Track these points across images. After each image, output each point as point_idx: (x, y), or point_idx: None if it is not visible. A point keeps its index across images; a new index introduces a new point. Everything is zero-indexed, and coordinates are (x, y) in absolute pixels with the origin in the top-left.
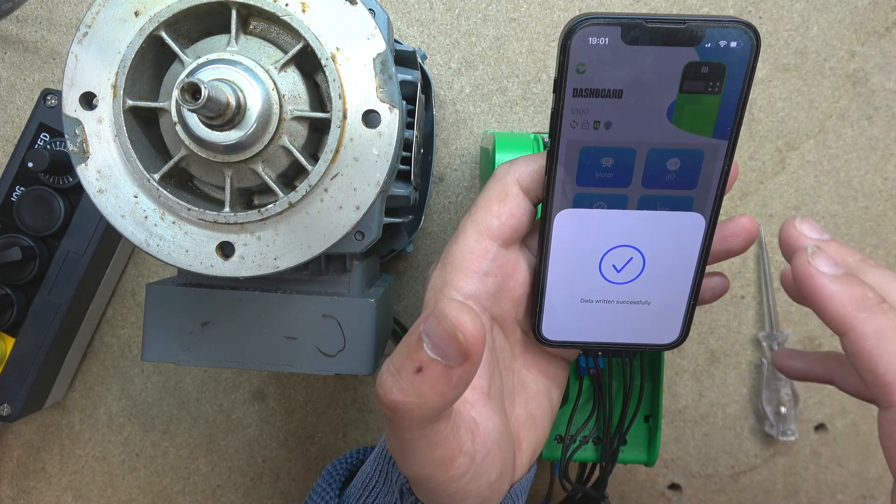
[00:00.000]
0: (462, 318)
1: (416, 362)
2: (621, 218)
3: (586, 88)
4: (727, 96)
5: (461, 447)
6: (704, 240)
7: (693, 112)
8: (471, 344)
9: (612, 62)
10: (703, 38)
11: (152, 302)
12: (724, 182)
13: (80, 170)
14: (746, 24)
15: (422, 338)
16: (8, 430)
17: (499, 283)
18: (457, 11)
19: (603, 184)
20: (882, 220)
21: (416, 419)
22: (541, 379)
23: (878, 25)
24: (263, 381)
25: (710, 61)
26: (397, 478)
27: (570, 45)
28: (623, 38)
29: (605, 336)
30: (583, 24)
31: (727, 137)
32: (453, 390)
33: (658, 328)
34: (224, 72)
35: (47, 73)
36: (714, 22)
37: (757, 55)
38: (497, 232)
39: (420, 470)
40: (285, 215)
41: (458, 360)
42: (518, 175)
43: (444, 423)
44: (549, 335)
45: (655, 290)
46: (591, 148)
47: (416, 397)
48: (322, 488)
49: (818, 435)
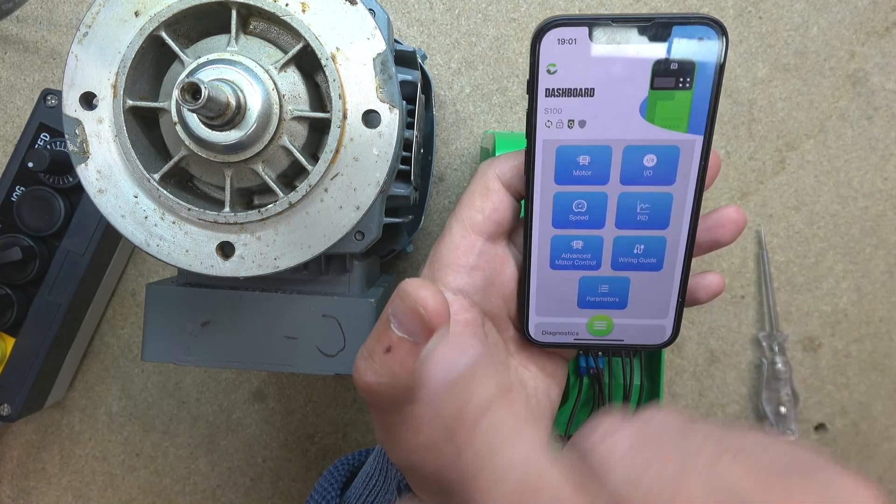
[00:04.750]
0: (422, 294)
1: (385, 342)
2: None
3: (558, 88)
4: (699, 92)
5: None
6: (688, 234)
7: (666, 108)
8: (433, 317)
9: (582, 62)
10: (671, 35)
11: (152, 302)
12: (702, 177)
13: (80, 170)
14: (713, 20)
15: (389, 318)
16: (8, 430)
17: (487, 278)
18: (457, 11)
19: (581, 181)
20: (882, 220)
21: (392, 399)
22: (539, 376)
23: (878, 25)
24: (263, 381)
25: (679, 58)
26: (395, 474)
27: (539, 46)
28: (591, 37)
29: (595, 335)
30: (551, 26)
31: (702, 132)
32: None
33: (648, 327)
34: (224, 72)
35: (47, 73)
36: (680, 19)
37: (726, 50)
38: (482, 227)
39: (407, 457)
40: (285, 215)
41: (422, 335)
42: (499, 171)
43: (424, 405)
44: (537, 336)
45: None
46: (567, 147)
47: (388, 377)
48: (324, 488)
49: (818, 435)
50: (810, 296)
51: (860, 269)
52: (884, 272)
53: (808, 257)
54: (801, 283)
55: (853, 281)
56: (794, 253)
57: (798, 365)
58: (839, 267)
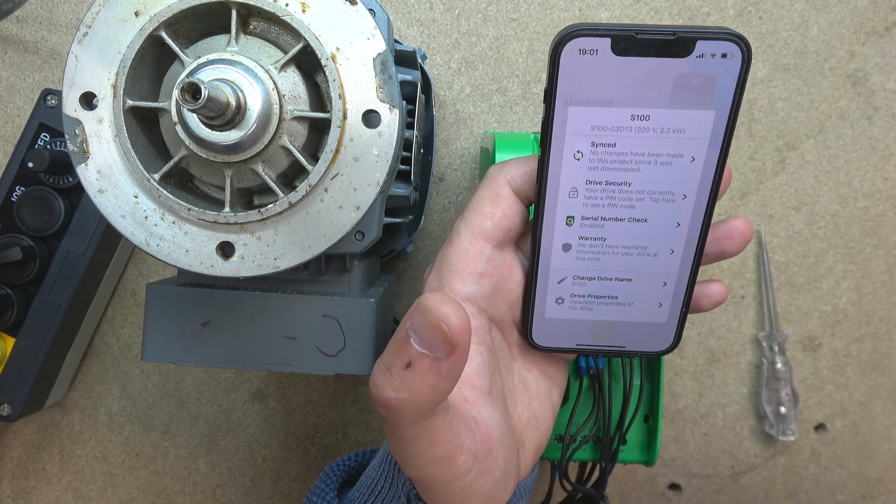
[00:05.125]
0: (444, 310)
1: (405, 358)
2: (614, 225)
3: (577, 98)
4: (718, 107)
5: (462, 445)
6: (697, 246)
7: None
8: (456, 334)
9: (603, 73)
10: (694, 50)
11: (152, 302)
12: (715, 189)
13: (80, 170)
14: (738, 36)
15: (409, 333)
16: (8, 430)
17: (494, 285)
18: (457, 11)
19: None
20: (882, 220)
21: (411, 415)
22: (541, 379)
23: (878, 25)
24: (263, 381)
25: (701, 73)
26: (403, 483)
27: (559, 55)
28: (613, 49)
29: (597, 341)
30: (573, 35)
31: (719, 147)
32: (444, 382)
33: (651, 334)
34: (224, 72)
35: (47, 73)
36: (705, 33)
37: (748, 67)
38: (490, 233)
39: (423, 469)
40: (285, 215)
41: (445, 352)
42: (509, 176)
43: (441, 419)
44: (541, 341)
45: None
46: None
47: (408, 393)
48: (320, 489)
49: (818, 435)
50: (810, 296)
51: (860, 269)
52: (884, 272)
53: (808, 257)
54: (801, 283)
55: (853, 281)
56: (794, 253)
57: (798, 365)
58: (839, 267)
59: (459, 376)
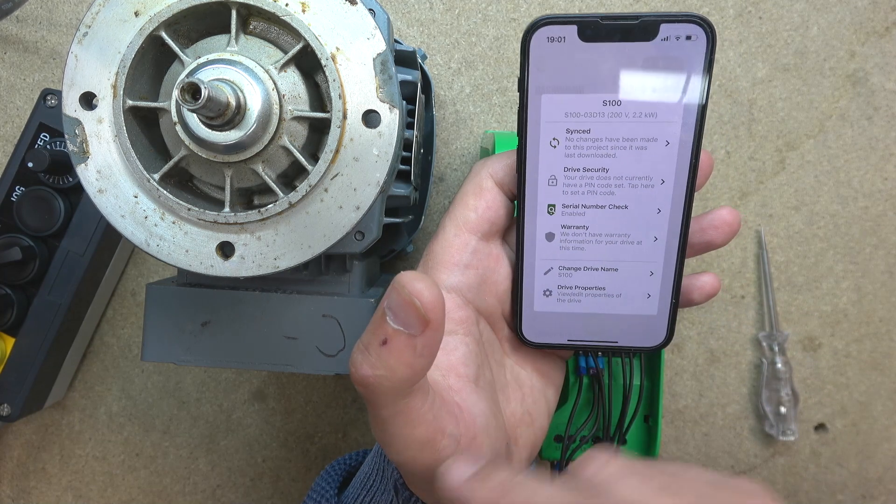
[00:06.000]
0: (418, 286)
1: (381, 335)
2: (595, 212)
3: (548, 86)
4: (687, 90)
5: (443, 429)
6: (681, 233)
7: (656, 104)
8: (428, 309)
9: (572, 60)
10: (658, 34)
11: (152, 302)
12: (693, 174)
13: (80, 170)
14: (701, 18)
15: (385, 311)
16: (8, 430)
17: (481, 276)
18: (457, 11)
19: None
20: (882, 220)
21: (389, 393)
22: (535, 376)
23: (878, 25)
24: (263, 381)
25: (667, 55)
26: (391, 473)
27: (529, 44)
28: (580, 35)
29: (588, 336)
30: (540, 24)
31: (691, 131)
32: (419, 359)
33: (643, 328)
34: (224, 72)
35: (47, 73)
36: (667, 17)
37: (713, 47)
38: (475, 225)
39: (404, 453)
40: (285, 215)
41: (419, 327)
42: (491, 170)
43: (420, 400)
44: (531, 336)
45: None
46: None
47: (384, 370)
48: (321, 487)
49: (818, 435)
50: (810, 296)
51: (860, 269)
52: (884, 272)
53: (808, 257)
54: (801, 283)
55: (853, 281)
56: (794, 253)
57: (798, 365)
58: (839, 267)
59: (435, 354)
